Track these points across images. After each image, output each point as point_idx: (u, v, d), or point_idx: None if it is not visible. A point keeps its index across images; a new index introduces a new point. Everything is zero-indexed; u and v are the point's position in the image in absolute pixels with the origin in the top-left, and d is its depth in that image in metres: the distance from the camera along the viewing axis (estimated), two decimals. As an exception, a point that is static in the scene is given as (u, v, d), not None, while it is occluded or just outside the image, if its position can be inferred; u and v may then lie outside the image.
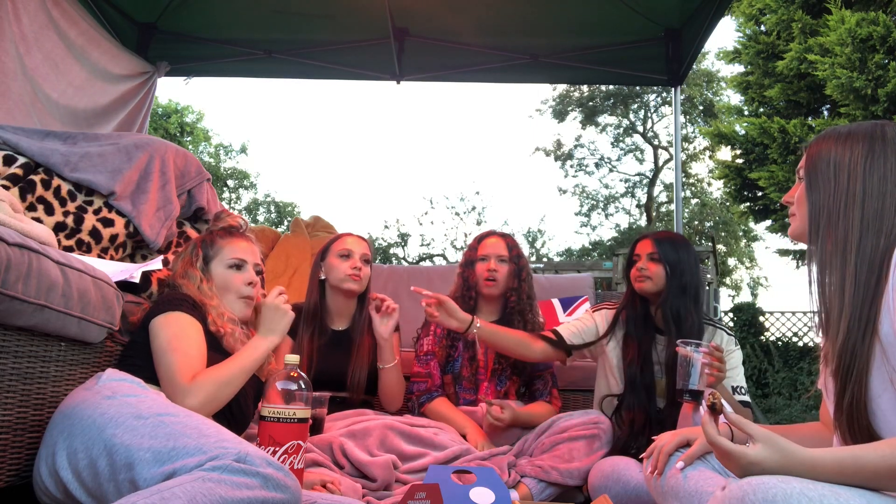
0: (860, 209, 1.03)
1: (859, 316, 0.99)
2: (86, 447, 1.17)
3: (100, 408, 1.22)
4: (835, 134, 1.11)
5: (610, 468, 1.75)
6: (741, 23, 7.45)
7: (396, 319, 2.08)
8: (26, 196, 1.76)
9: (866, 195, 1.03)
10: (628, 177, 17.92)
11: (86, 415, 1.22)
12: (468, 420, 2.06)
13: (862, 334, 0.98)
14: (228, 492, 1.04)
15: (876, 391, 0.97)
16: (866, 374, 0.97)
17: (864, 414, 0.97)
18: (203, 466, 1.07)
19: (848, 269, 1.02)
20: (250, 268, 1.68)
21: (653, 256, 2.01)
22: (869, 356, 0.97)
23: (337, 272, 2.12)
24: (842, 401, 1.00)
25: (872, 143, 1.06)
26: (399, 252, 18.14)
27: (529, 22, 3.72)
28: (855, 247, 1.02)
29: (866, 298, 0.99)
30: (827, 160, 1.09)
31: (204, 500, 1.01)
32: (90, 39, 3.22)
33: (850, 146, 1.07)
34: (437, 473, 1.50)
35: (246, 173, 18.63)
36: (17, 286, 1.17)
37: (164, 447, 1.12)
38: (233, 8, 3.70)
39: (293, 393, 1.36)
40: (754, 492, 0.84)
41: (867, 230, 1.02)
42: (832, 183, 1.07)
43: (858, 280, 1.00)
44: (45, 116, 2.86)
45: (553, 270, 6.47)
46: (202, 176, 2.23)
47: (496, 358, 2.19)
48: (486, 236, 2.31)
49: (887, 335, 0.96)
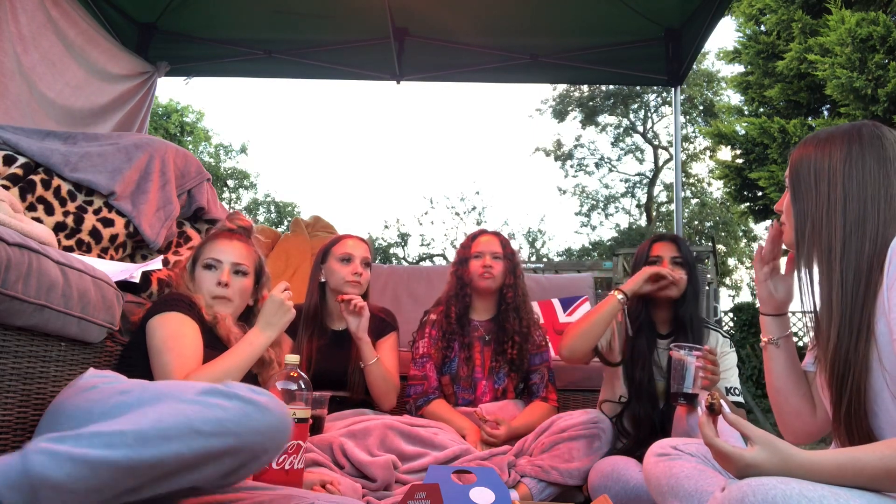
0: (842, 216, 1.03)
1: (849, 322, 0.99)
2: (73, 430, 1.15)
3: (82, 397, 1.20)
4: (814, 140, 1.11)
5: (610, 468, 1.75)
6: (741, 23, 7.45)
7: (367, 318, 2.03)
8: (26, 196, 1.76)
9: (847, 201, 1.03)
10: (628, 177, 17.94)
11: (70, 405, 1.20)
12: (467, 421, 2.06)
13: (855, 341, 0.98)
14: (198, 412, 0.98)
15: (876, 390, 0.97)
16: (865, 378, 0.97)
17: (865, 419, 0.97)
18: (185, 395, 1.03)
19: (834, 277, 1.02)
20: (225, 268, 1.67)
21: (677, 260, 1.97)
22: (865, 359, 0.97)
23: (337, 277, 2.12)
24: (839, 409, 1.00)
25: (850, 147, 1.05)
26: (399, 252, 18.15)
27: (529, 22, 3.72)
28: (839, 253, 1.02)
29: (856, 304, 0.99)
30: (807, 168, 1.09)
31: (171, 421, 0.95)
32: (89, 39, 3.22)
33: (828, 152, 1.07)
34: (437, 473, 1.50)
35: (246, 173, 18.64)
36: (17, 286, 1.17)
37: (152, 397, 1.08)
38: (233, 8, 3.70)
39: (293, 393, 1.36)
40: (754, 493, 0.84)
41: (850, 236, 1.01)
42: (813, 191, 1.07)
43: (845, 287, 1.00)
44: (42, 116, 2.86)
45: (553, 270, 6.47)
46: (202, 176, 2.23)
47: (493, 356, 2.19)
48: (479, 235, 2.31)
49: (882, 335, 0.96)
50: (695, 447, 1.30)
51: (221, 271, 1.66)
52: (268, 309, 1.59)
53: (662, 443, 1.34)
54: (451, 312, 2.21)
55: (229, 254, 1.68)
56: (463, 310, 2.24)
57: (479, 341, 2.22)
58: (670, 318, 2.02)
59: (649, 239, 2.09)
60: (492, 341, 2.21)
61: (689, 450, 1.30)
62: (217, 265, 1.66)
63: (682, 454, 1.29)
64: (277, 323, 1.59)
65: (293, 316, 1.63)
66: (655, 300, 2.00)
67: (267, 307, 1.60)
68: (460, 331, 2.21)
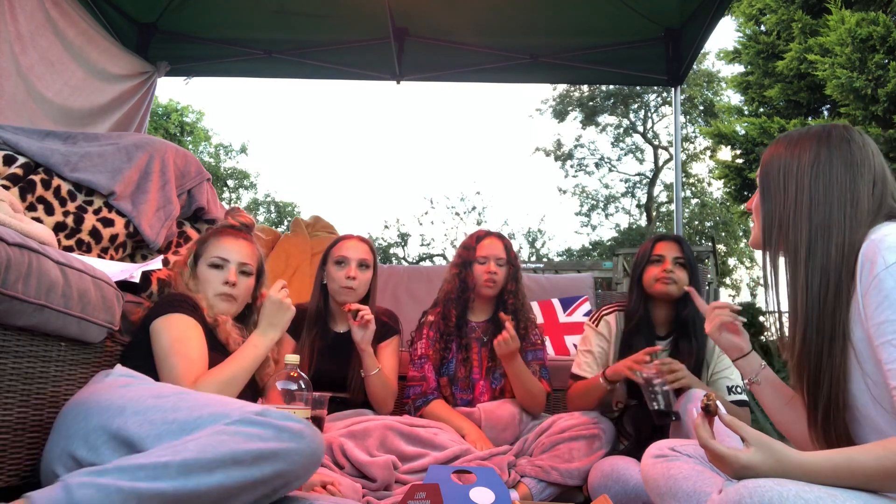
0: (808, 219, 1.02)
1: (817, 327, 0.98)
2: (103, 426, 1.15)
3: (116, 393, 1.22)
4: (785, 140, 1.11)
5: (610, 467, 1.75)
6: (741, 23, 7.45)
7: (373, 330, 2.00)
8: (26, 196, 1.76)
9: (813, 204, 1.03)
10: (628, 177, 17.94)
11: (103, 399, 1.21)
12: (466, 421, 2.06)
13: (828, 346, 0.97)
14: (240, 443, 1.03)
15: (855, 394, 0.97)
16: (843, 385, 0.96)
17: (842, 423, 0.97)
18: (221, 422, 1.07)
19: (799, 280, 1.01)
20: (232, 267, 1.65)
21: (679, 261, 1.98)
22: (843, 366, 0.96)
23: (332, 282, 2.11)
24: (815, 414, 0.99)
25: (819, 150, 1.05)
26: (399, 252, 18.15)
27: (529, 22, 3.72)
28: (805, 257, 1.01)
29: (825, 310, 0.98)
30: (777, 168, 1.09)
31: (214, 452, 1.01)
32: (89, 39, 3.22)
33: (797, 154, 1.07)
34: (437, 473, 1.50)
35: (246, 173, 18.64)
36: (17, 286, 1.17)
37: (189, 417, 1.12)
38: (233, 8, 3.70)
39: (293, 393, 1.36)
40: (751, 495, 0.84)
41: (815, 239, 1.01)
42: (781, 193, 1.07)
43: (811, 290, 1.00)
44: (39, 115, 2.87)
45: (553, 270, 6.46)
46: (202, 176, 2.23)
47: (490, 356, 2.19)
48: (484, 237, 2.28)
49: (860, 341, 0.96)
50: (692, 448, 1.30)
51: (229, 271, 1.64)
52: (268, 310, 1.59)
53: (660, 444, 1.34)
54: (449, 314, 2.21)
55: (236, 253, 1.67)
56: (461, 312, 2.24)
57: (476, 342, 2.23)
58: (670, 319, 2.03)
59: (651, 238, 2.09)
60: (489, 342, 2.21)
61: (687, 451, 1.30)
62: (224, 264, 1.64)
63: (680, 455, 1.29)
64: (279, 323, 1.59)
65: (293, 313, 1.62)
66: (655, 300, 2.01)
67: (267, 308, 1.59)
68: (457, 332, 2.21)
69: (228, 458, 1.01)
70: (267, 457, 1.05)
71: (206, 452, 1.00)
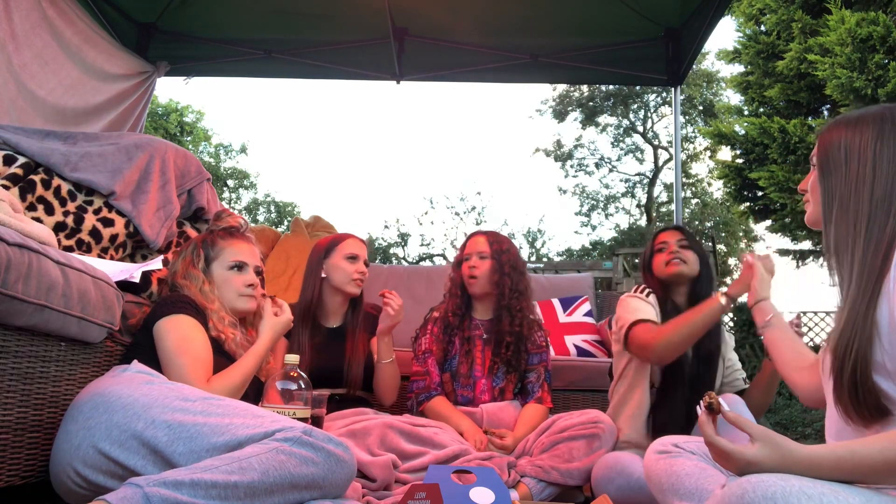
0: (870, 191, 1.04)
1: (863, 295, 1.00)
2: (128, 422, 1.19)
3: (140, 390, 1.25)
4: (845, 120, 1.12)
5: (613, 461, 1.76)
6: (741, 23, 7.45)
7: (399, 321, 2.07)
8: (26, 196, 1.76)
9: (876, 177, 1.04)
10: (628, 177, 17.92)
11: (125, 394, 1.24)
12: (466, 419, 2.06)
13: (864, 312, 0.99)
14: (297, 467, 1.10)
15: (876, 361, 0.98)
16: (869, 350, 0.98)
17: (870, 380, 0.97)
18: (274, 436, 1.13)
19: (857, 252, 1.03)
20: (251, 269, 1.72)
21: (682, 243, 2.01)
22: (871, 333, 0.98)
23: (342, 275, 2.15)
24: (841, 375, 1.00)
25: (882, 126, 1.06)
26: (399, 252, 18.15)
27: (529, 22, 3.72)
28: (864, 229, 1.02)
29: (870, 279, 1.00)
30: (838, 145, 1.10)
31: (276, 475, 1.08)
32: (87, 39, 3.22)
33: (860, 130, 1.08)
34: (437, 473, 1.50)
35: (246, 173, 18.63)
36: (17, 286, 1.17)
37: (220, 423, 1.17)
38: (233, 8, 3.70)
39: (293, 392, 1.37)
40: (754, 490, 0.84)
41: (876, 211, 1.02)
42: (843, 167, 1.08)
43: (865, 261, 1.01)
44: (28, 113, 2.86)
45: (553, 270, 6.46)
46: (202, 176, 2.23)
47: (492, 356, 2.20)
48: (472, 236, 2.34)
49: (882, 318, 0.97)
50: (696, 445, 1.30)
51: (248, 273, 1.72)
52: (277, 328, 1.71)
53: (663, 440, 1.34)
54: (451, 311, 2.25)
55: (250, 256, 1.75)
56: (463, 309, 2.26)
57: (480, 340, 2.23)
58: (686, 302, 2.02)
59: (653, 233, 2.13)
60: (491, 341, 2.22)
61: (690, 447, 1.30)
62: (245, 267, 1.72)
63: (683, 452, 1.29)
64: (282, 331, 1.74)
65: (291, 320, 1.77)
66: (672, 287, 2.02)
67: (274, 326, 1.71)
68: (460, 325, 2.22)
69: (287, 483, 1.09)
70: (318, 483, 1.13)
71: (268, 475, 1.07)
